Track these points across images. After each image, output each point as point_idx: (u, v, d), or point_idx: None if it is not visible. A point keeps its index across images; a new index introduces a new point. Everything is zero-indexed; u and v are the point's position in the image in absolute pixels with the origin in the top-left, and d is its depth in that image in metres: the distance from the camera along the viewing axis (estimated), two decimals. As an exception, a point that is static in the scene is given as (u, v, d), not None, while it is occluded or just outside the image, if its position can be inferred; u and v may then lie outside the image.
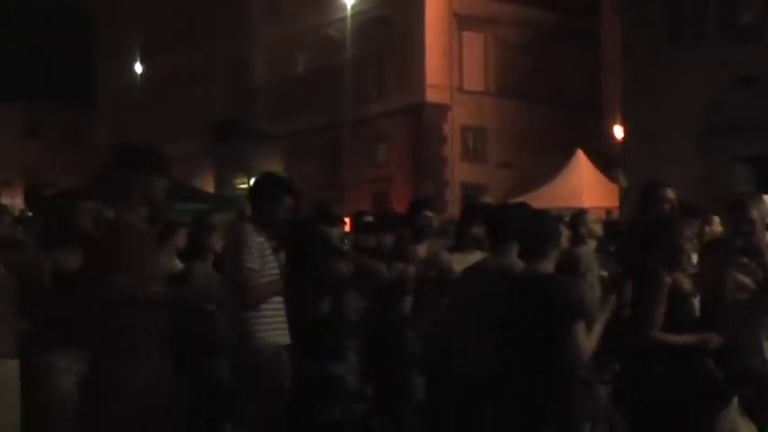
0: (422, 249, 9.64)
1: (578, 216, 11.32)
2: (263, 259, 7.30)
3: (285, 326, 7.47)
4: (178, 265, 10.67)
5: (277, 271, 7.48)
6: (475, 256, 8.45)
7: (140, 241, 6.15)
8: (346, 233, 12.07)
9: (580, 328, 6.26)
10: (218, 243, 10.01)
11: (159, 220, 12.80)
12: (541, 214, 7.24)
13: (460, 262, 8.57)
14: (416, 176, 45.27)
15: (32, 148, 72.36)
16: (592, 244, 10.99)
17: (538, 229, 6.76)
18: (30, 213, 10.51)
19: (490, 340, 6.76)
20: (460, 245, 9.32)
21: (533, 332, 6.37)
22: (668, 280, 7.05)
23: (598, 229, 11.55)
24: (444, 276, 8.89)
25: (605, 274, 10.68)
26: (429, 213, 10.14)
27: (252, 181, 44.19)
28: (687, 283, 7.23)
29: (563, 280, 6.70)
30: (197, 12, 58.02)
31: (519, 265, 6.88)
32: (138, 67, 57.34)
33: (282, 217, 7.63)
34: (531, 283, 6.50)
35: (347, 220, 13.07)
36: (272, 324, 7.32)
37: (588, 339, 6.36)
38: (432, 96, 46.12)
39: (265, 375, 7.28)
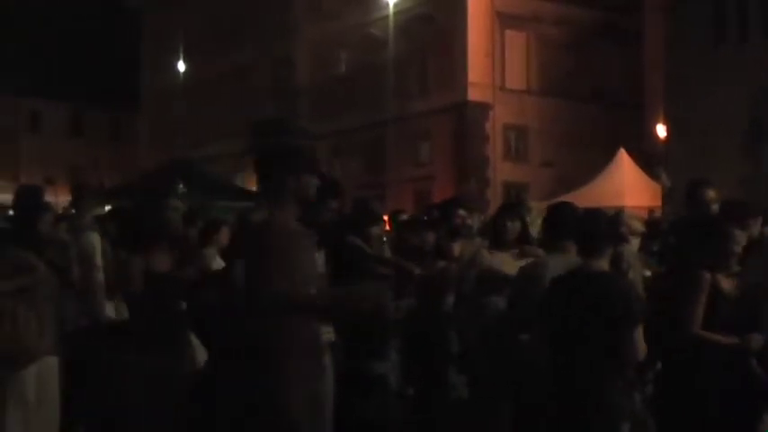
0: (456, 248, 9.62)
1: (615, 217, 11.31)
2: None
3: (329, 324, 7.48)
4: (221, 263, 10.74)
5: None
6: (509, 255, 8.45)
7: (298, 242, 6.00)
8: (386, 231, 12.06)
9: (636, 328, 6.23)
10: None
11: (202, 218, 12.93)
12: (597, 212, 7.19)
13: (504, 261, 8.57)
14: (458, 175, 45.17)
15: (77, 146, 72.98)
16: (635, 243, 10.92)
17: (594, 226, 6.72)
18: (74, 211, 10.57)
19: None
20: (497, 243, 9.29)
21: (587, 330, 6.34)
22: (708, 277, 7.01)
23: (638, 225, 11.49)
24: (494, 276, 8.86)
25: (648, 273, 10.62)
26: (462, 212, 10.10)
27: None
28: (728, 284, 7.17)
29: (621, 279, 6.69)
30: (241, 11, 58.26)
31: (578, 263, 6.85)
32: (182, 67, 57.61)
33: (326, 218, 7.62)
34: (586, 280, 6.46)
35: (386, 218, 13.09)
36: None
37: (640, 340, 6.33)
38: (474, 95, 46.04)
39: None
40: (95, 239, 9.40)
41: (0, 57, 66.41)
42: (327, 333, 7.45)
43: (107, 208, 16.83)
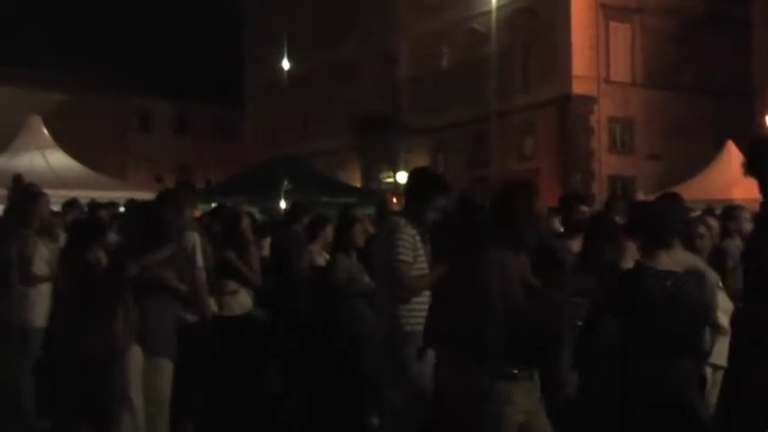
0: (575, 244, 9.54)
1: (732, 210, 11.09)
2: (415, 252, 7.31)
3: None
4: (326, 257, 10.83)
5: (426, 265, 7.48)
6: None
7: None
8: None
9: (710, 326, 6.19)
10: (361, 236, 10.10)
11: (308, 213, 13.04)
12: (664, 208, 7.12)
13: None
14: (563, 169, 44.90)
15: (183, 144, 73.99)
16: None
17: (664, 220, 6.68)
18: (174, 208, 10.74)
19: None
20: None
21: (664, 327, 6.30)
22: None
23: (749, 228, 11.24)
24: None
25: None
26: (584, 208, 10.03)
27: (400, 175, 44.36)
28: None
29: (693, 278, 6.61)
30: (344, 7, 58.57)
31: (689, 260, 6.81)
32: (286, 64, 58.05)
33: (432, 216, 7.63)
34: (663, 277, 6.41)
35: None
36: (421, 317, 7.33)
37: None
38: (578, 88, 45.69)
39: (412, 367, 7.31)
40: (195, 238, 9.53)
41: (108, 56, 67.62)
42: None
43: (213, 205, 17.06)
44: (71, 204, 15.01)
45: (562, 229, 10.45)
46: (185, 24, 71.56)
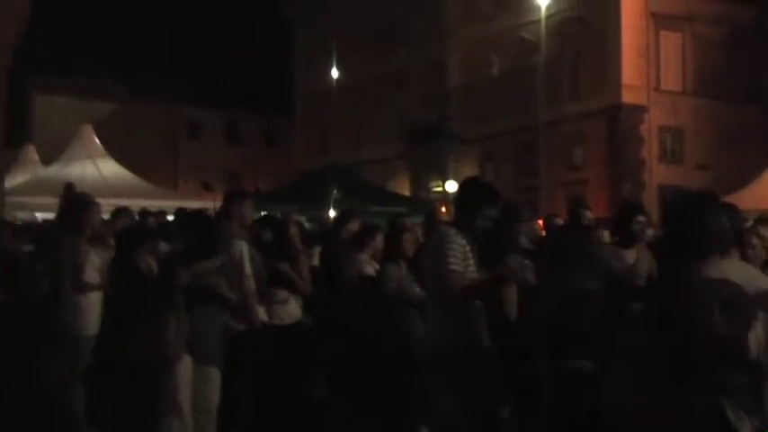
0: (631, 254, 9.47)
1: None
2: (466, 262, 7.29)
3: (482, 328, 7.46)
4: (375, 267, 10.82)
5: (476, 274, 7.45)
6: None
7: None
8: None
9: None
10: (410, 246, 10.08)
11: (355, 218, 13.04)
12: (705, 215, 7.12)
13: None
14: (613, 179, 44.73)
15: (233, 152, 74.44)
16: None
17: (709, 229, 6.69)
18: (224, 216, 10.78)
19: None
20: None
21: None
22: None
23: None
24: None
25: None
26: (641, 218, 9.96)
27: (448, 184, 44.35)
28: None
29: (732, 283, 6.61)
30: (393, 16, 58.64)
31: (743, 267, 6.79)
32: (335, 72, 58.24)
33: (482, 225, 7.61)
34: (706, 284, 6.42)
35: (540, 222, 13.02)
36: (471, 326, 7.31)
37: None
38: (628, 97, 45.52)
39: (462, 377, 7.29)
40: (243, 246, 9.56)
41: (158, 66, 68.18)
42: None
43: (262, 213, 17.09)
44: (120, 212, 15.10)
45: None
46: (235, 34, 72.01)
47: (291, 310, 10.65)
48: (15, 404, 10.67)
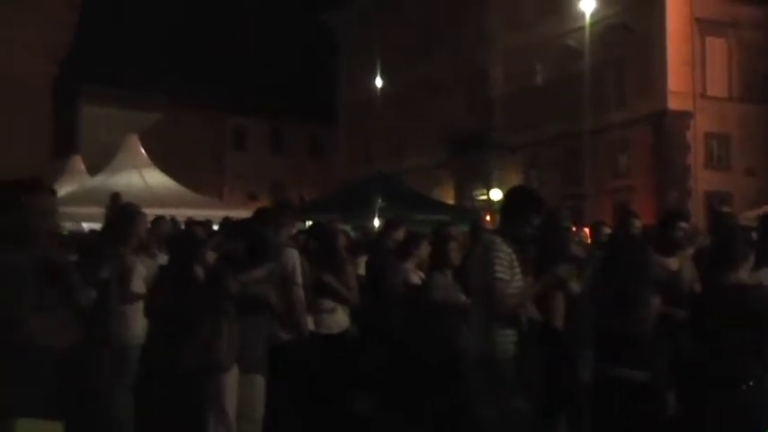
0: (673, 262, 9.42)
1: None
2: (512, 270, 7.28)
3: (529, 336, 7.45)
4: (420, 275, 10.81)
5: (522, 282, 7.44)
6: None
7: None
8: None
9: None
10: (456, 254, 10.05)
11: (400, 226, 13.04)
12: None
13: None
14: (659, 186, 44.47)
15: (278, 161, 74.67)
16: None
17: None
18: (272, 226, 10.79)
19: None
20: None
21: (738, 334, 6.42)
22: None
23: None
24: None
25: None
26: (684, 225, 9.89)
27: (493, 192, 44.21)
28: None
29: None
30: (436, 25, 58.74)
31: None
32: (378, 81, 58.34)
33: (528, 234, 7.59)
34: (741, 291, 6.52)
35: (587, 230, 12.98)
36: (515, 335, 7.31)
37: None
38: (674, 104, 45.25)
39: (507, 385, 7.27)
40: (296, 256, 9.59)
41: (203, 76, 68.54)
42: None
43: (308, 224, 17.12)
44: (158, 220, 15.13)
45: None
46: (280, 43, 72.31)
47: (339, 318, 10.68)
48: (67, 414, 10.73)
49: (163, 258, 11.04)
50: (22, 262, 5.15)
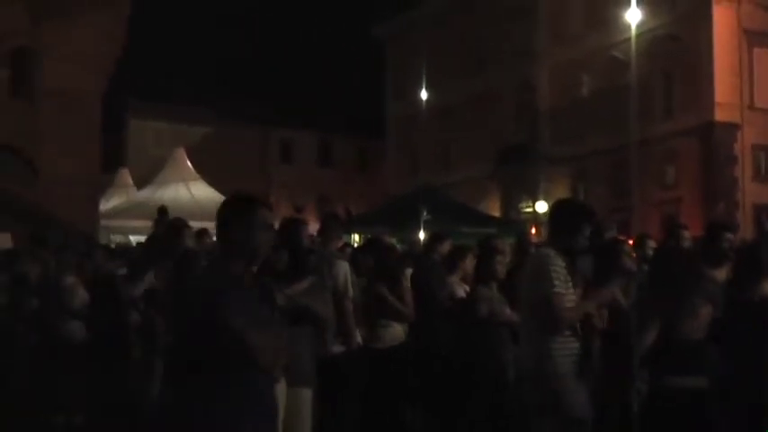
0: (720, 273, 9.35)
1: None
2: (566, 284, 7.25)
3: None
4: (465, 288, 10.80)
5: (575, 297, 7.39)
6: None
7: None
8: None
9: None
10: (501, 267, 10.03)
11: (445, 241, 13.03)
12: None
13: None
14: (706, 198, 44.20)
15: (325, 174, 74.76)
16: None
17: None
18: (320, 239, 10.82)
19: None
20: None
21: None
22: None
23: None
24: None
25: None
26: (730, 236, 9.83)
27: (539, 205, 44.12)
28: None
29: None
30: (483, 37, 58.78)
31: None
32: (425, 94, 58.46)
33: (582, 245, 7.56)
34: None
35: (631, 242, 12.89)
36: (572, 350, 7.29)
37: None
38: (721, 115, 44.97)
39: (566, 397, 7.23)
40: (346, 268, 9.62)
41: (250, 89, 68.87)
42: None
43: (354, 236, 17.17)
44: (202, 233, 15.15)
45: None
46: (328, 56, 72.60)
47: (395, 332, 10.66)
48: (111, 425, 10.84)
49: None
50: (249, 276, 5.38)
